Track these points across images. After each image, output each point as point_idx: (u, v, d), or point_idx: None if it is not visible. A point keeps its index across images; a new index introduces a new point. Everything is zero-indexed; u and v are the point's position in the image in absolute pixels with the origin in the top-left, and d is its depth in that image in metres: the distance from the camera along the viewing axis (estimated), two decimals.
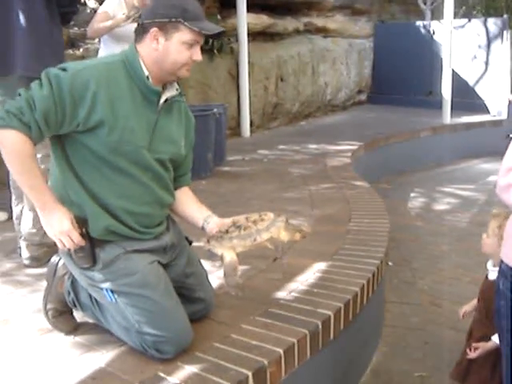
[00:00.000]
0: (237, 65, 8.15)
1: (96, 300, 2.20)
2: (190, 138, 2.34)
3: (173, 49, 2.06)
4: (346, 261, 3.06)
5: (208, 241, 2.18)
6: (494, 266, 2.33)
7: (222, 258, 2.16)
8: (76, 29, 6.52)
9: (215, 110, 5.62)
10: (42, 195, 2.01)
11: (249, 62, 8.20)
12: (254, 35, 8.52)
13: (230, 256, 2.14)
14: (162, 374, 1.95)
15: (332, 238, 3.48)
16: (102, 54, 4.92)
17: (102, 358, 2.10)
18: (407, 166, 7.97)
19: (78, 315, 2.38)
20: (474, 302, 2.57)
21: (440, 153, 8.61)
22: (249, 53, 8.16)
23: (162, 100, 2.14)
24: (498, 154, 7.57)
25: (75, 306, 2.31)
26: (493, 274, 2.30)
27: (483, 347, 2.32)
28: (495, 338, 2.17)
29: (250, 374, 1.96)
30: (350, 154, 6.55)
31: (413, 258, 4.84)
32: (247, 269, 2.96)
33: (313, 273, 2.91)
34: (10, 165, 1.97)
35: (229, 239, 2.14)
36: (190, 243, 2.41)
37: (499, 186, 1.73)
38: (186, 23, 2.03)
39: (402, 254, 4.75)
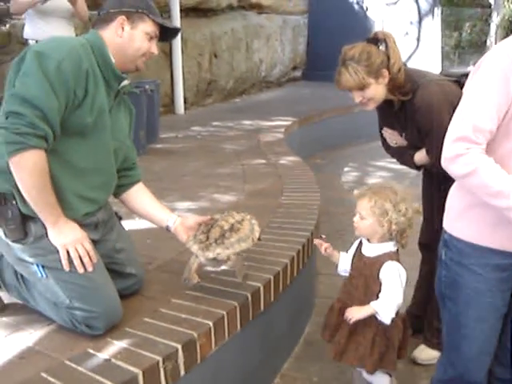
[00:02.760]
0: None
1: (23, 278, 2.17)
2: (131, 129, 2.39)
3: (137, 37, 2.14)
4: (277, 234, 3.11)
5: (207, 249, 2.23)
6: (371, 242, 2.20)
7: (227, 261, 2.29)
8: (2, 4, 6.28)
9: (147, 86, 5.55)
10: (56, 210, 2.01)
11: (182, 38, 8.11)
12: (186, 11, 8.40)
13: (234, 256, 2.27)
14: (91, 351, 1.95)
15: (263, 211, 3.51)
16: (27, 30, 4.78)
17: (30, 337, 2.08)
18: (341, 141, 8.08)
19: (6, 296, 2.34)
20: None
21: (373, 127, 8.68)
22: (182, 29, 8.04)
23: (119, 87, 2.19)
24: None
25: (0, 286, 2.27)
26: (368, 250, 2.20)
27: (358, 312, 2.12)
28: (374, 305, 2.09)
29: (179, 346, 1.98)
30: (283, 130, 6.60)
31: (345, 230, 4.92)
32: (177, 244, 2.96)
33: None
34: (31, 185, 1.93)
35: (236, 243, 2.25)
36: (120, 218, 2.41)
37: (445, 158, 1.76)
38: (150, 15, 2.16)
39: (335, 226, 4.84)
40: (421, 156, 2.68)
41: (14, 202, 2.00)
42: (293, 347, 3.09)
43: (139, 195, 2.40)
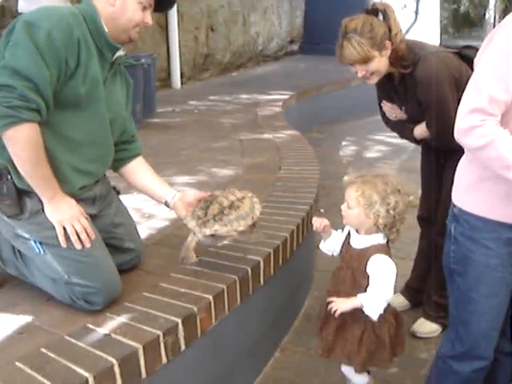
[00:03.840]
0: (166, 14, 7.92)
1: (20, 254, 2.15)
2: (129, 102, 2.33)
3: (130, 6, 2.07)
4: (276, 207, 3.08)
5: (205, 225, 2.18)
6: (359, 233, 2.07)
7: (225, 238, 2.27)
8: None
9: (143, 60, 5.48)
10: (52, 184, 1.97)
11: (178, 12, 7.99)
12: None
13: (235, 233, 2.21)
14: (90, 326, 1.93)
15: (262, 185, 3.49)
16: (21, 3, 4.75)
17: (29, 312, 2.06)
18: (338, 116, 8.01)
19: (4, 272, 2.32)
20: None
21: (370, 101, 8.63)
22: (177, 2, 7.93)
23: (114, 58, 2.13)
24: None
25: None
26: (356, 241, 2.07)
27: (344, 304, 2.00)
28: (361, 297, 1.97)
29: (179, 320, 1.97)
30: (281, 104, 6.54)
31: None
32: (176, 218, 2.94)
33: None
34: (25, 159, 1.89)
35: (235, 221, 2.18)
36: (118, 193, 2.39)
37: (459, 130, 1.68)
38: None
39: (333, 201, 4.79)
40: (420, 130, 2.65)
41: (9, 177, 1.97)
42: (293, 321, 3.09)
43: (139, 170, 2.36)
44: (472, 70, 2.51)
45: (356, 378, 2.24)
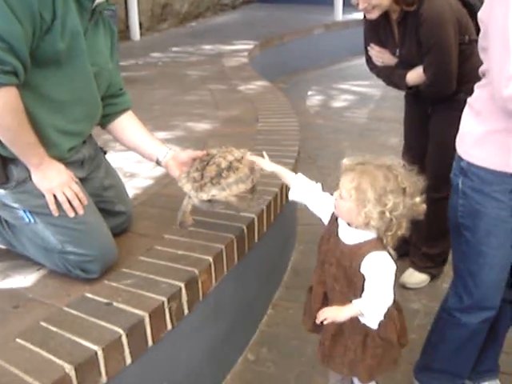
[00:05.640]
0: None
1: (7, 223, 2.01)
2: (114, 51, 2.15)
3: None
4: None
5: (201, 189, 1.99)
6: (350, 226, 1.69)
7: (225, 204, 2.07)
8: None
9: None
10: (38, 150, 1.82)
11: None
12: None
13: (233, 198, 2.01)
14: (89, 295, 1.82)
15: (242, 139, 3.37)
16: None
17: (21, 284, 1.93)
18: (301, 65, 7.91)
19: None
20: None
21: (333, 50, 8.59)
22: None
23: (94, 5, 1.92)
24: None
25: None
26: (346, 235, 1.71)
27: (339, 313, 1.69)
28: (357, 304, 1.67)
29: (182, 285, 1.88)
30: (246, 54, 6.39)
31: (317, 156, 4.86)
32: (160, 176, 2.82)
33: None
34: (5, 127, 1.73)
35: (234, 185, 1.98)
36: (105, 153, 2.24)
37: (504, 98, 1.55)
38: None
39: (307, 152, 4.74)
40: (415, 75, 2.57)
41: None
42: (282, 276, 3.04)
43: (128, 125, 2.20)
44: (470, 16, 2.44)
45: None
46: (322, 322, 1.72)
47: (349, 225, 1.70)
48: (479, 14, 1.70)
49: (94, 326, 1.66)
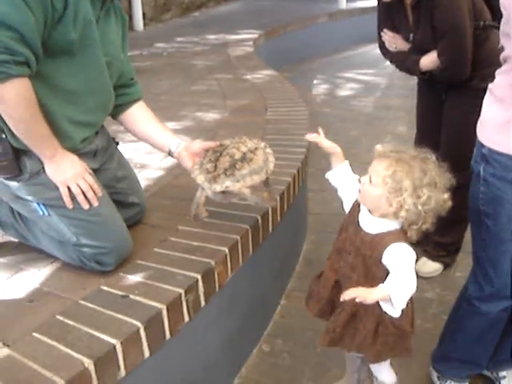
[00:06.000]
0: None
1: (20, 216, 1.98)
2: (126, 41, 2.11)
3: None
4: (273, 151, 2.94)
5: (215, 180, 1.93)
6: (372, 214, 1.69)
7: (238, 196, 2.01)
8: None
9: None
10: (52, 142, 1.79)
11: None
12: None
13: (247, 190, 1.95)
14: (105, 288, 1.79)
15: (252, 128, 3.33)
16: None
17: (35, 277, 1.90)
18: (306, 54, 7.86)
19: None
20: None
21: (337, 39, 8.54)
22: None
23: None
24: None
25: None
26: (368, 223, 1.70)
27: (370, 294, 1.56)
28: (388, 289, 1.57)
29: (198, 276, 1.85)
30: (251, 43, 6.35)
31: None
32: (171, 167, 2.79)
33: None
34: (18, 119, 1.70)
35: (248, 176, 1.93)
36: (117, 144, 2.21)
37: None
38: None
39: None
40: (428, 60, 2.53)
41: (3, 136, 1.77)
42: (294, 266, 3.02)
43: (139, 115, 2.16)
44: (485, 2, 2.41)
45: (382, 374, 1.96)
46: (334, 306, 1.77)
47: (370, 213, 1.68)
48: (501, 0, 1.66)
49: (111, 319, 1.64)
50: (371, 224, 1.69)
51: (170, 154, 2.15)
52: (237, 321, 2.25)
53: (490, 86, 1.78)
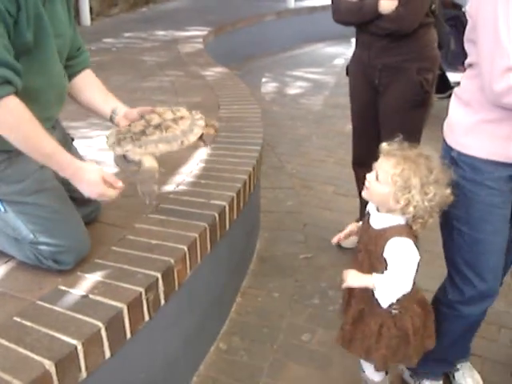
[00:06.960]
0: None
1: None
2: (71, 12, 2.02)
3: None
4: (227, 149, 2.95)
5: (119, 143, 1.87)
6: (379, 211, 1.78)
7: (139, 164, 1.89)
8: None
9: None
10: (64, 156, 1.74)
11: None
12: None
13: (149, 162, 1.87)
14: (63, 288, 1.75)
15: None
16: None
17: None
18: (253, 52, 7.89)
19: None
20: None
21: (285, 37, 8.60)
22: None
23: None
24: (341, 37, 7.80)
25: None
26: (375, 220, 1.79)
27: (355, 279, 1.76)
28: (375, 277, 1.72)
29: (159, 275, 1.83)
30: (201, 40, 6.31)
31: (276, 142, 4.86)
32: None
33: (195, 163, 2.76)
34: (22, 140, 1.66)
35: (153, 143, 1.86)
36: (72, 140, 2.15)
37: (497, 93, 1.56)
38: None
39: (265, 139, 4.69)
40: (388, 2, 2.61)
41: None
42: (249, 264, 3.02)
43: (84, 82, 2.07)
44: None
45: (372, 373, 2.02)
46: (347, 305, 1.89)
47: (377, 209, 1.78)
48: (467, 8, 1.70)
49: (71, 319, 1.60)
50: (378, 220, 1.77)
51: (111, 120, 2.07)
52: (195, 319, 2.24)
53: (456, 90, 1.83)
